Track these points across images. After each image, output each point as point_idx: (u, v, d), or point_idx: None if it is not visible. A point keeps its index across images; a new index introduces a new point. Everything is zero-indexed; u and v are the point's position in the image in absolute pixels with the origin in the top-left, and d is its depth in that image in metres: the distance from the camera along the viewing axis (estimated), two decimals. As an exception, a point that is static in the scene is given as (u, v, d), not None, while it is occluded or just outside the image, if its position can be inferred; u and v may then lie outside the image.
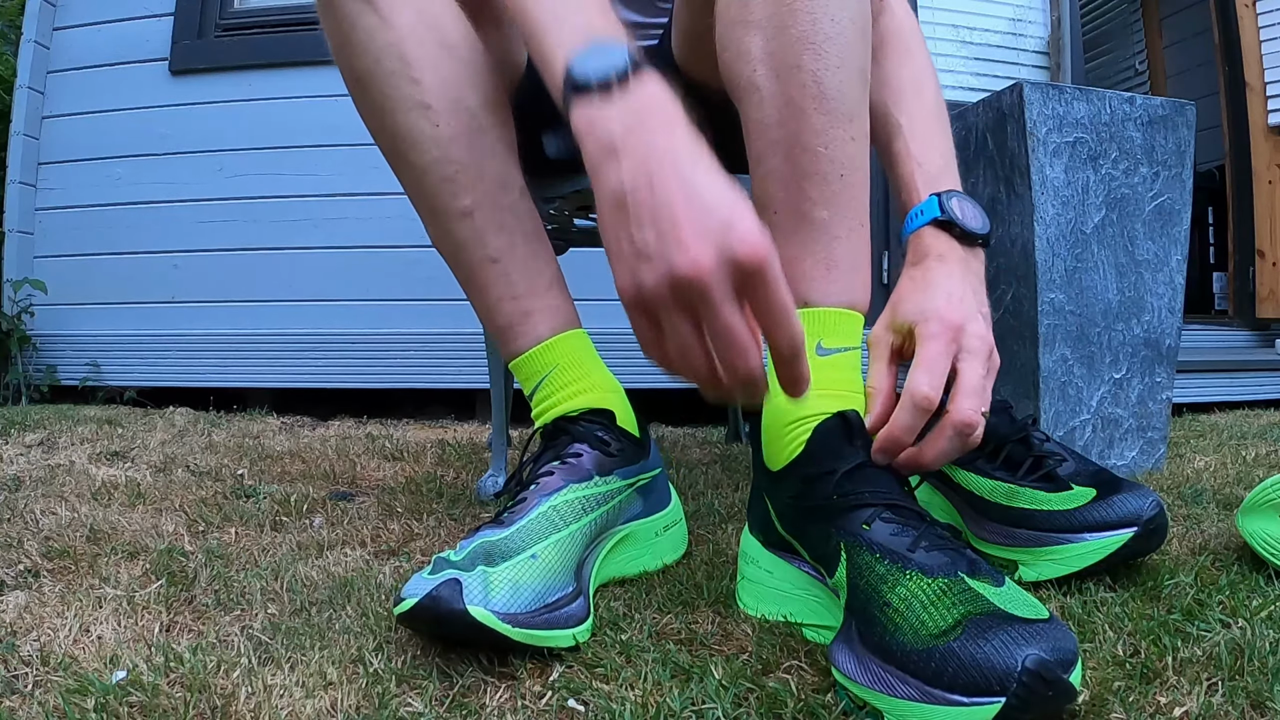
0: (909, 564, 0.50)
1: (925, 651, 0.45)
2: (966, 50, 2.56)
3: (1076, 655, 0.44)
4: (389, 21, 0.70)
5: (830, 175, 0.62)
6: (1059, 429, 1.08)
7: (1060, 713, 0.46)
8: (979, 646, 0.43)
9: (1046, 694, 0.42)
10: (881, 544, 0.52)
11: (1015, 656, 0.42)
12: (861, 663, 0.48)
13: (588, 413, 0.73)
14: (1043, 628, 0.45)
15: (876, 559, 0.51)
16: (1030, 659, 0.42)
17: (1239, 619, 0.58)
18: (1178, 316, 1.14)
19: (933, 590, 0.48)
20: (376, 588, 0.68)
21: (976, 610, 0.46)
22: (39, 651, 0.55)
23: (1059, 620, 0.47)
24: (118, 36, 2.39)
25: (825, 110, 0.61)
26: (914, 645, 0.46)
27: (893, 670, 0.46)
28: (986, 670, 0.42)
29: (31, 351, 2.32)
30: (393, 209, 2.25)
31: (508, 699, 0.50)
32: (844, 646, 0.50)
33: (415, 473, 1.26)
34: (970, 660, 0.43)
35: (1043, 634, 0.44)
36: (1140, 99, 1.10)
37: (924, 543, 0.51)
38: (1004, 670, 0.42)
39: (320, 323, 2.25)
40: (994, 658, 0.42)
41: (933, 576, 0.49)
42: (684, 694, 0.49)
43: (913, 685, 0.45)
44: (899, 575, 0.50)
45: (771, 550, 0.63)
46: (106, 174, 2.36)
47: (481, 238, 0.74)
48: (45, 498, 1.01)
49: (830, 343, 0.62)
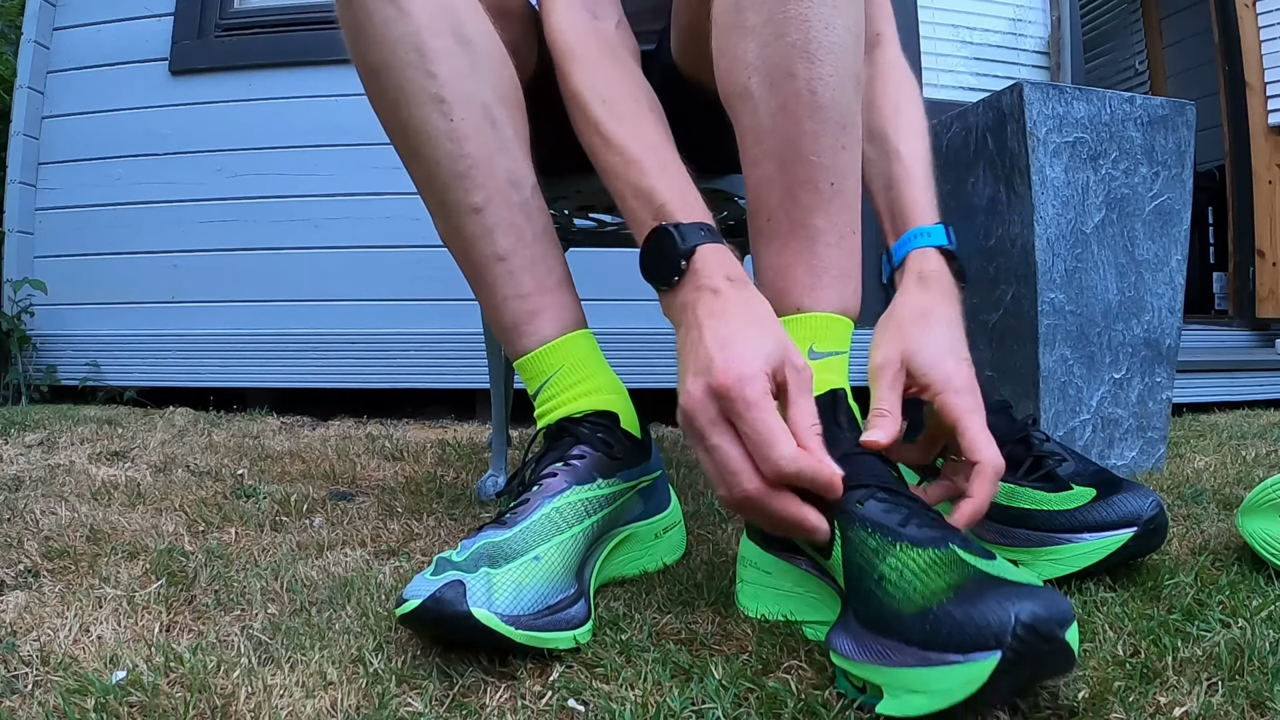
0: (900, 537, 0.51)
1: (919, 615, 0.45)
2: (966, 50, 2.56)
3: (1072, 616, 0.44)
4: (407, 12, 0.69)
5: (822, 183, 0.62)
6: (1059, 429, 1.08)
7: (1058, 674, 0.46)
8: (973, 605, 0.43)
9: (1043, 648, 0.42)
10: (874, 519, 0.53)
11: (1009, 612, 0.42)
12: (859, 641, 0.48)
13: (591, 414, 0.72)
14: (1036, 589, 0.45)
15: (869, 533, 0.52)
16: (1024, 613, 0.42)
17: (1239, 619, 0.58)
18: (1178, 316, 1.14)
19: (924, 559, 0.48)
20: (376, 588, 0.68)
21: (969, 574, 0.46)
22: (39, 651, 0.55)
23: (1053, 587, 0.47)
24: (118, 36, 2.39)
25: (818, 119, 0.61)
26: (908, 611, 0.46)
27: (889, 642, 0.46)
28: (981, 626, 0.42)
29: (31, 351, 2.32)
30: (393, 209, 2.25)
31: (508, 699, 0.50)
32: (841, 631, 0.51)
33: (415, 473, 1.26)
34: (965, 618, 0.43)
35: (1036, 594, 0.44)
36: (1140, 99, 1.10)
37: (915, 520, 0.52)
38: (998, 625, 0.42)
39: (320, 323, 2.25)
40: (988, 614, 0.42)
41: (923, 547, 0.49)
42: (684, 694, 0.49)
43: (909, 652, 0.45)
44: (890, 547, 0.50)
45: (770, 552, 0.63)
46: (106, 174, 2.36)
47: (491, 235, 0.74)
48: (45, 498, 1.01)
49: (822, 346, 0.63)
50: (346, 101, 2.28)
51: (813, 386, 0.57)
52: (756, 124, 0.63)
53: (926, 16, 2.45)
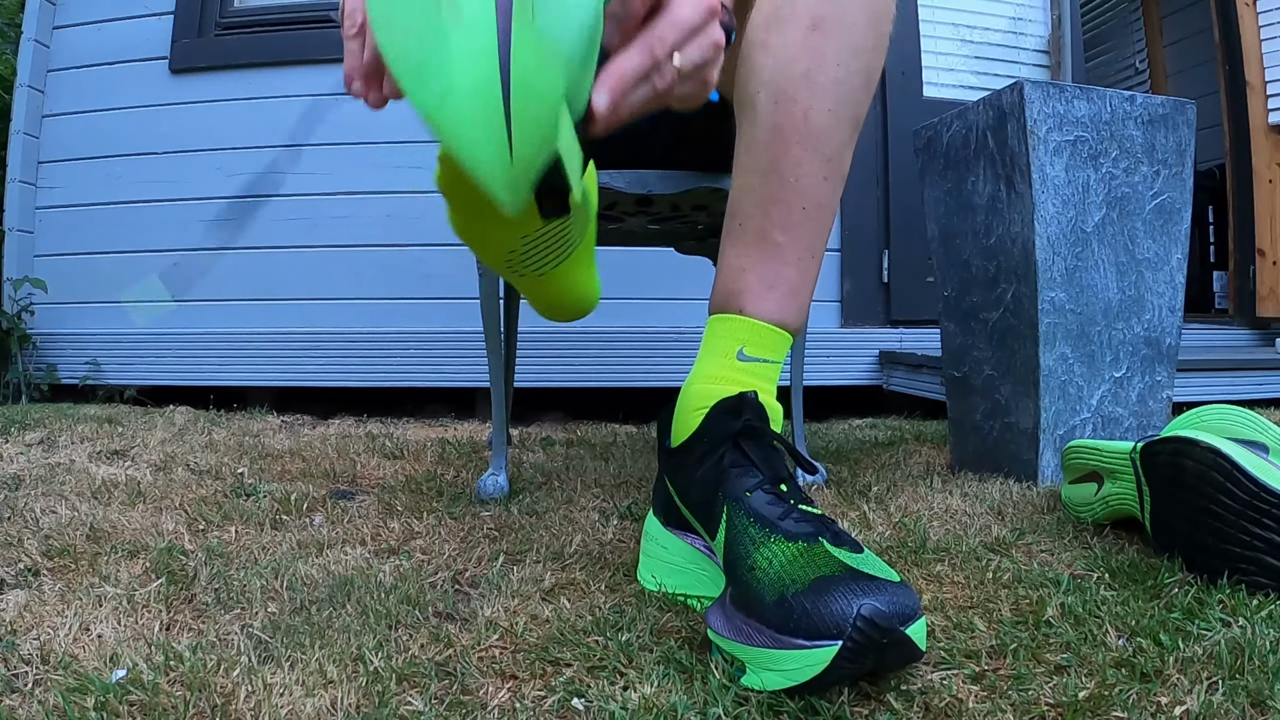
0: (776, 530, 0.56)
1: (777, 602, 0.50)
2: (967, 49, 2.56)
3: (916, 613, 0.48)
4: None
5: (795, 205, 0.66)
6: (1059, 428, 1.08)
7: (904, 664, 0.50)
8: (822, 597, 0.48)
9: (881, 642, 0.46)
10: (757, 510, 0.58)
11: (852, 605, 0.47)
12: (729, 619, 0.53)
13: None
14: (886, 585, 0.49)
15: (750, 523, 0.57)
16: (865, 607, 0.46)
17: (1239, 618, 0.58)
18: (1178, 315, 1.14)
19: (792, 552, 0.53)
20: (377, 586, 0.68)
21: (828, 569, 0.51)
22: (39, 650, 0.55)
23: (907, 584, 0.51)
24: (118, 35, 2.38)
25: (806, 146, 0.65)
26: (770, 598, 0.51)
27: (752, 623, 0.51)
28: (826, 616, 0.47)
29: (31, 350, 2.32)
30: (393, 208, 2.25)
31: (508, 699, 0.50)
32: (717, 608, 0.56)
33: (415, 471, 1.26)
34: (813, 608, 0.48)
35: (884, 590, 0.48)
36: (1141, 97, 1.10)
37: (793, 515, 0.57)
38: (841, 617, 0.46)
39: (320, 322, 2.25)
40: (833, 606, 0.47)
41: (794, 541, 0.54)
42: (685, 693, 0.49)
43: (766, 634, 0.49)
44: (765, 539, 0.55)
45: (669, 529, 0.69)
46: (106, 172, 2.36)
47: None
48: (45, 496, 1.01)
49: (752, 351, 0.67)
50: (346, 101, 2.27)
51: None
52: (752, 136, 0.67)
53: (927, 15, 2.45)
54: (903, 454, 1.40)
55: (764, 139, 0.66)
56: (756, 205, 0.67)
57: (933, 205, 1.25)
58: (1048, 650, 0.55)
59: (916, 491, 1.04)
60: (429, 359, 2.18)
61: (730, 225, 0.69)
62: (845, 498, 1.02)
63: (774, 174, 0.66)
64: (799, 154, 0.65)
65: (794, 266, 0.67)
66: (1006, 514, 0.92)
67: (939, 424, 1.79)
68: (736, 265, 0.68)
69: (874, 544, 0.80)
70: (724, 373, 0.66)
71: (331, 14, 2.32)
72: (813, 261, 0.69)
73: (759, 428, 0.62)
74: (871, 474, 1.18)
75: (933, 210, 1.25)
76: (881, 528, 0.87)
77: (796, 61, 0.64)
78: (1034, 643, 0.56)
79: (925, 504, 0.97)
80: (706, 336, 0.70)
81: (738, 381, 0.65)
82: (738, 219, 0.68)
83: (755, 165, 0.67)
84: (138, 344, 2.30)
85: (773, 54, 0.65)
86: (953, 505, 0.96)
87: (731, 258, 0.69)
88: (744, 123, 0.68)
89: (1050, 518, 0.90)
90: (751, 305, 0.67)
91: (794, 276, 0.68)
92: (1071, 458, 0.91)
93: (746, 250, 0.67)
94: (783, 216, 0.66)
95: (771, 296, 0.67)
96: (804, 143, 0.65)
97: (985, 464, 1.18)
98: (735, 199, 0.69)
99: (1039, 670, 0.52)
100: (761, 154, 0.66)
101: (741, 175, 0.68)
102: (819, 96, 0.64)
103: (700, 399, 0.65)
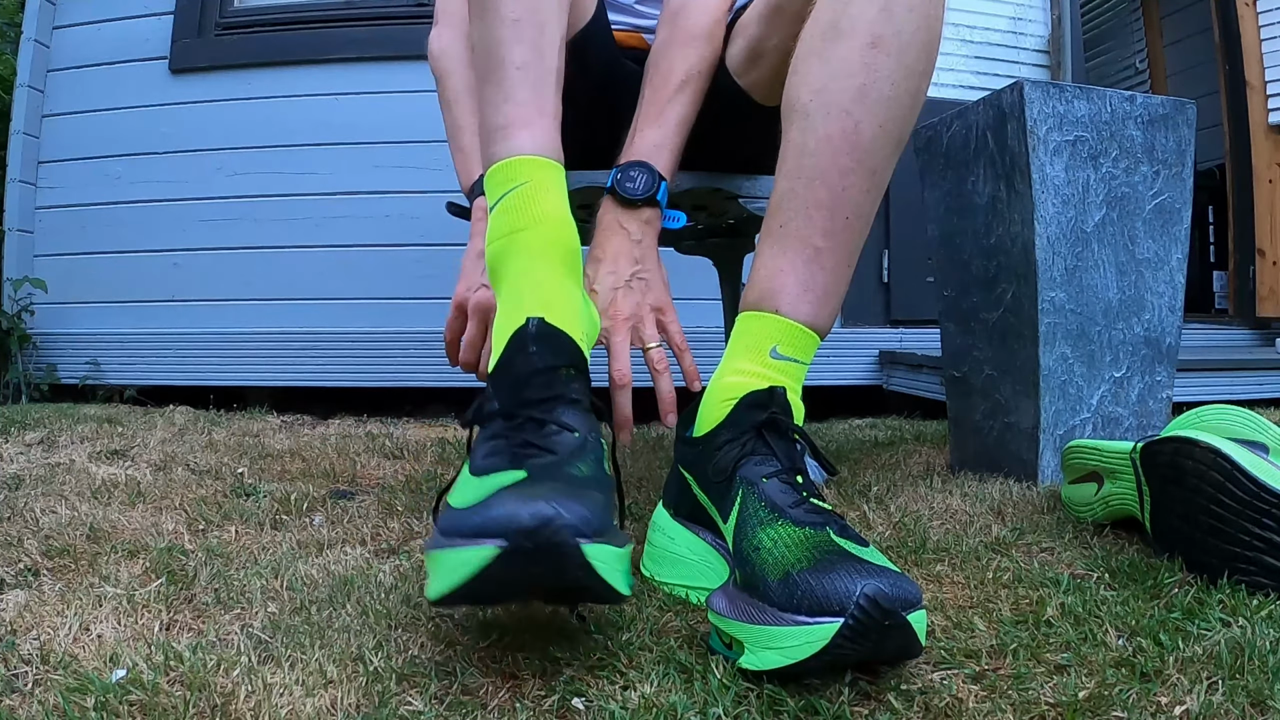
0: (785, 515, 0.57)
1: (781, 581, 0.51)
2: (967, 49, 2.56)
3: (918, 602, 0.49)
4: None
5: (839, 213, 0.68)
6: (1059, 427, 1.08)
7: (903, 655, 0.50)
8: (827, 574, 0.49)
9: (882, 623, 0.47)
10: (769, 496, 0.59)
11: (856, 584, 0.47)
12: (732, 601, 0.54)
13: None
14: (890, 571, 0.50)
15: (761, 505, 0.59)
16: (869, 587, 0.47)
17: (1239, 618, 0.58)
18: (1178, 315, 1.14)
19: (798, 536, 0.54)
20: (377, 586, 0.68)
21: (835, 551, 0.52)
22: (39, 650, 0.55)
23: (909, 577, 0.51)
24: (118, 35, 2.38)
25: (855, 158, 0.67)
26: (774, 577, 0.51)
27: (755, 602, 0.52)
28: (830, 593, 0.47)
29: (31, 350, 2.32)
30: (393, 208, 2.25)
31: (508, 699, 0.50)
32: (721, 592, 0.56)
33: (415, 471, 1.26)
34: (817, 584, 0.48)
35: (888, 575, 0.49)
36: (1141, 97, 1.10)
37: (804, 506, 0.58)
38: (844, 594, 0.47)
39: (320, 322, 2.25)
40: (837, 584, 0.48)
41: (801, 527, 0.55)
42: (685, 693, 0.49)
43: (769, 613, 0.50)
44: (773, 522, 0.56)
45: (679, 520, 0.70)
46: (106, 172, 2.36)
47: (516, 45, 0.69)
48: (45, 496, 1.01)
49: (784, 350, 0.68)
50: (346, 100, 2.28)
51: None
52: (802, 142, 0.68)
53: (927, 15, 2.45)
54: (903, 454, 1.40)
55: (814, 147, 0.68)
56: (800, 210, 0.68)
57: (933, 205, 1.24)
58: (1048, 650, 0.55)
59: (916, 491, 1.04)
60: (429, 359, 2.18)
61: (770, 225, 0.71)
62: (845, 498, 1.02)
63: (821, 182, 0.67)
64: (847, 165, 0.67)
65: (831, 272, 0.69)
66: (1006, 514, 0.92)
67: (939, 424, 1.79)
68: (774, 265, 0.69)
69: (874, 544, 0.80)
70: (755, 368, 0.67)
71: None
72: (848, 270, 0.71)
73: (783, 421, 0.63)
74: (871, 474, 1.18)
75: (933, 210, 1.25)
76: (881, 527, 0.87)
77: (854, 76, 0.67)
78: (1034, 642, 0.56)
79: (925, 504, 0.97)
80: (737, 332, 0.71)
81: (768, 378, 0.66)
82: (779, 220, 0.70)
83: (802, 171, 0.68)
84: (138, 344, 2.30)
85: (829, 65, 0.67)
86: (953, 505, 0.96)
87: (770, 258, 0.70)
88: (792, 129, 0.69)
89: (1050, 518, 0.90)
90: (787, 306, 0.68)
91: (830, 282, 0.69)
92: (1071, 458, 0.91)
93: (785, 252, 0.69)
94: (825, 223, 0.68)
95: (807, 299, 0.68)
96: (853, 155, 0.67)
97: (985, 464, 1.18)
98: (778, 201, 0.70)
99: (1039, 670, 0.52)
100: (810, 161, 0.68)
101: (787, 179, 0.69)
102: (872, 112, 0.67)
103: (729, 391, 0.66)
